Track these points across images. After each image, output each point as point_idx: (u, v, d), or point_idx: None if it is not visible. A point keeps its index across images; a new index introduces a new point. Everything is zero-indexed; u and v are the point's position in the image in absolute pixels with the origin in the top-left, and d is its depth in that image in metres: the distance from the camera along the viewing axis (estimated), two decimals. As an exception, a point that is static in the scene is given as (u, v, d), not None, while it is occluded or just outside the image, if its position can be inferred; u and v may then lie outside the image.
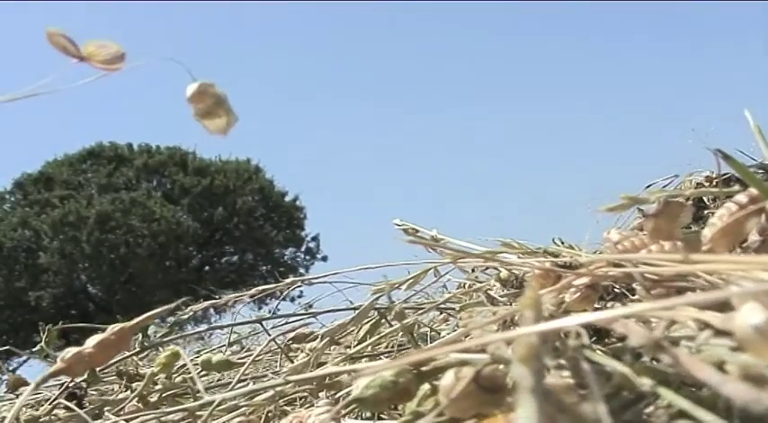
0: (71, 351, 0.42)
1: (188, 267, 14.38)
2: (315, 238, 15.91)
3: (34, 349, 0.79)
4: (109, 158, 14.92)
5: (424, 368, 0.41)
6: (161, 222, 13.83)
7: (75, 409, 0.59)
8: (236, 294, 0.93)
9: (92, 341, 0.43)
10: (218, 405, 0.48)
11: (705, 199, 0.88)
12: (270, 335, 0.80)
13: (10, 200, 14.71)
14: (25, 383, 1.21)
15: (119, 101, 21.94)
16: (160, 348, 1.51)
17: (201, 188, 14.79)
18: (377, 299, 0.75)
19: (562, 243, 0.88)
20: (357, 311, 0.76)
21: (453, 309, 0.94)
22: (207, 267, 14.92)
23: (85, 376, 0.81)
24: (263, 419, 0.71)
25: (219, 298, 0.99)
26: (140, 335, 0.83)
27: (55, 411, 0.75)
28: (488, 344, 0.33)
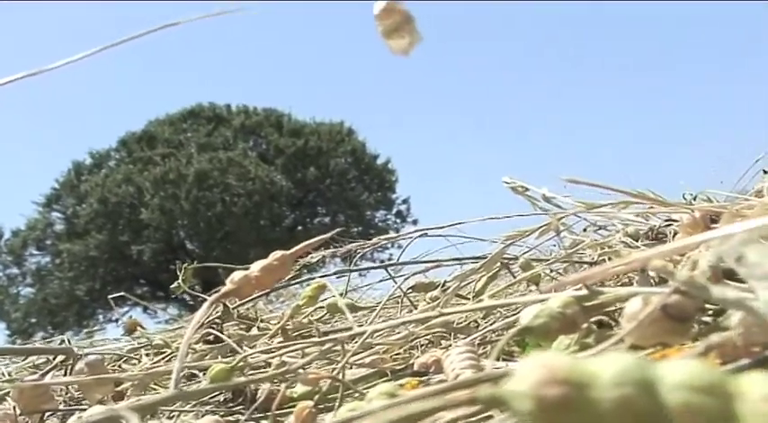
0: (239, 274, 0.43)
1: (281, 227, 14.69)
2: (405, 201, 15.97)
3: (173, 285, 0.82)
4: (208, 118, 15.32)
5: (588, 303, 0.40)
6: (256, 182, 14.15)
7: (224, 337, 0.61)
8: (361, 243, 0.94)
9: (257, 266, 0.44)
10: (367, 336, 0.49)
11: None
12: (396, 282, 0.81)
13: (115, 157, 15.33)
14: (141, 326, 1.27)
15: (217, 62, 22.42)
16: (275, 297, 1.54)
17: (295, 149, 15.02)
18: (506, 247, 0.75)
19: (693, 197, 0.85)
20: (486, 260, 0.75)
21: (575, 263, 0.93)
22: (299, 228, 15.20)
23: (219, 314, 0.84)
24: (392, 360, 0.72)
25: (342, 245, 1.01)
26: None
27: (193, 346, 0.78)
28: (683, 256, 0.32)
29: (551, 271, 1.00)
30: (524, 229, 0.77)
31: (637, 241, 0.77)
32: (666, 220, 0.73)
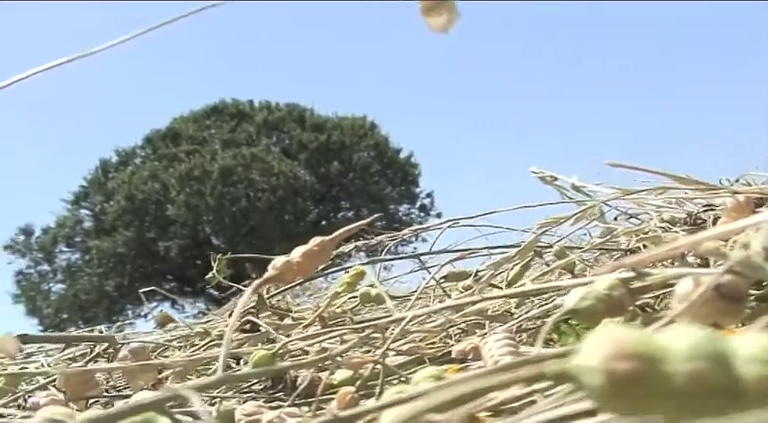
0: (281, 259, 0.43)
1: (305, 222, 14.73)
2: (429, 195, 15.95)
3: (207, 276, 0.82)
4: (231, 115, 15.38)
5: (635, 284, 0.40)
6: (279, 177, 14.19)
7: (264, 325, 0.61)
8: (391, 234, 0.94)
9: (298, 251, 0.44)
10: (408, 322, 0.49)
11: None
12: (429, 272, 0.81)
13: (141, 155, 15.45)
14: (172, 320, 1.28)
15: (239, 58, 22.52)
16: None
17: (318, 144, 15.05)
18: (542, 234, 0.74)
19: (734, 181, 0.84)
20: (520, 248, 0.75)
21: (610, 250, 0.92)
22: (323, 222, 15.24)
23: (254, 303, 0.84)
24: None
25: (372, 238, 1.01)
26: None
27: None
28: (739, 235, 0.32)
29: (583, 260, 0.99)
30: (559, 217, 0.76)
31: (674, 227, 0.76)
32: (705, 206, 0.72)
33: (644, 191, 0.73)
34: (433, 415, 0.29)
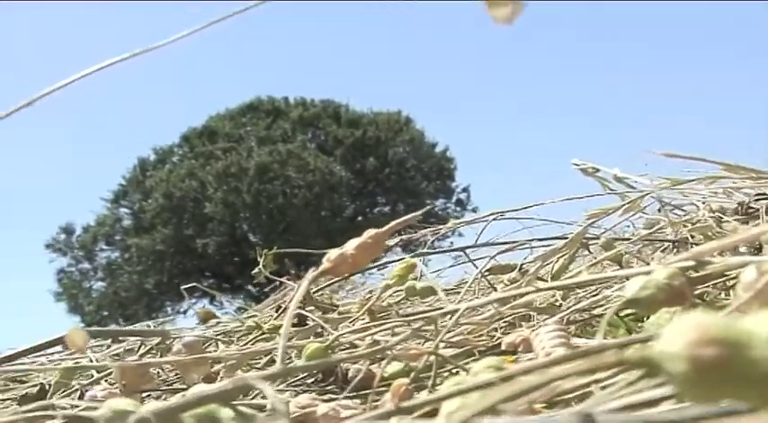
0: (335, 252, 0.43)
1: (342, 217, 14.79)
2: (465, 190, 15.89)
3: (254, 271, 0.83)
4: (267, 112, 15.48)
5: (695, 273, 0.39)
6: (315, 173, 14.26)
7: (315, 318, 0.62)
8: (433, 228, 0.94)
9: (352, 244, 0.44)
10: (461, 313, 0.49)
11: None
12: (476, 266, 0.80)
13: (178, 153, 15.63)
14: (214, 316, 1.29)
15: (273, 55, 22.66)
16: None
17: (354, 139, 15.08)
18: (590, 224, 0.74)
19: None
20: (568, 240, 0.74)
21: (658, 240, 0.90)
22: (360, 218, 15.27)
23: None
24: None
25: (415, 232, 1.01)
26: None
27: (279, 330, 0.79)
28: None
29: (628, 251, 0.97)
30: (607, 208, 0.75)
31: (725, 216, 0.75)
32: (757, 195, 0.70)
33: (694, 180, 0.72)
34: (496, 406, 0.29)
